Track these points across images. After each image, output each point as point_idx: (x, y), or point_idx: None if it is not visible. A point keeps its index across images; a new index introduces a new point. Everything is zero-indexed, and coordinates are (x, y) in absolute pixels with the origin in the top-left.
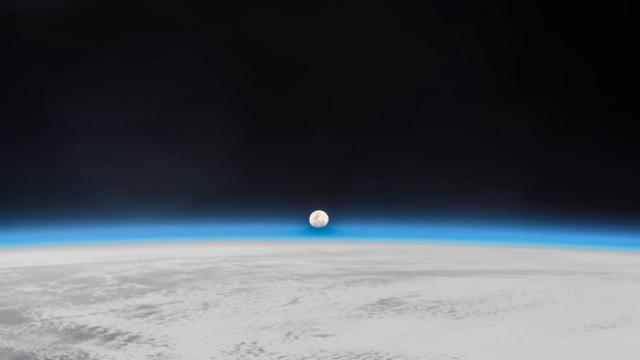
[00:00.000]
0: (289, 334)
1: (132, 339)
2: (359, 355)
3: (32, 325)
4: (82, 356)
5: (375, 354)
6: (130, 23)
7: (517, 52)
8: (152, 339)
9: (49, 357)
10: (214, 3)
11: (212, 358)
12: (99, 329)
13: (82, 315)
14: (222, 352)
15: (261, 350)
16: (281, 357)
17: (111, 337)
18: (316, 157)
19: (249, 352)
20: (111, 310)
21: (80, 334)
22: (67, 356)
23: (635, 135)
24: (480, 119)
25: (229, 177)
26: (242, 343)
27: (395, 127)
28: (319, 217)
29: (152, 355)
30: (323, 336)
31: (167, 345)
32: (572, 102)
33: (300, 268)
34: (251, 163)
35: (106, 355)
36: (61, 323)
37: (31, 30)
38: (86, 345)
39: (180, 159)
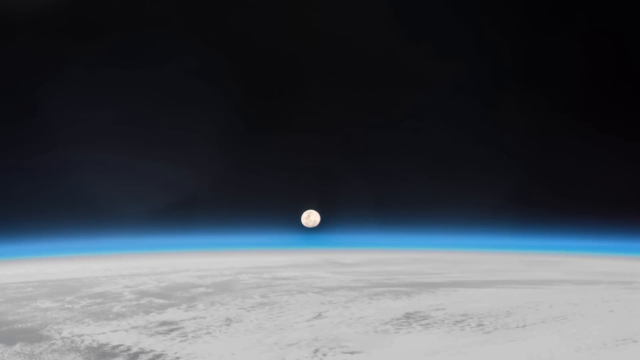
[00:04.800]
0: (316, 350)
1: (156, 357)
2: None
3: (53, 344)
4: None
5: None
6: (116, 23)
7: (509, 50)
8: (178, 358)
9: None
10: (201, 2)
11: None
12: (121, 347)
13: (104, 333)
14: None
15: None
16: None
17: (135, 355)
18: (308, 160)
19: None
20: (132, 327)
21: (103, 352)
22: None
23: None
24: (478, 121)
25: (220, 183)
26: None
27: (389, 128)
28: (310, 217)
29: None
30: (352, 353)
31: None
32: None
33: (319, 280)
34: (245, 164)
35: None
36: (82, 341)
37: (21, 34)
38: None
39: (169, 160)
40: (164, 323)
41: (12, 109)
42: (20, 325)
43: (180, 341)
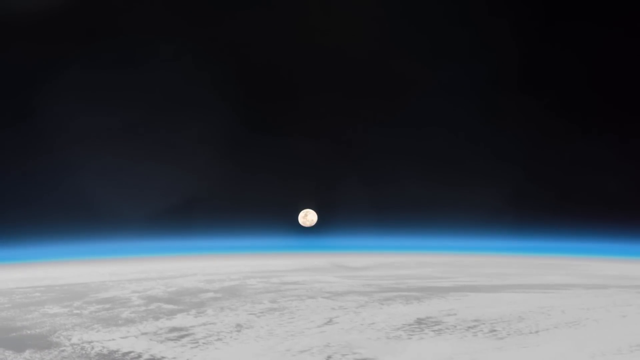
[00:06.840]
0: (328, 357)
1: None
2: None
3: (63, 351)
4: None
5: None
6: (115, 27)
7: (507, 53)
8: None
9: None
10: (199, 6)
11: None
12: (132, 354)
13: (113, 339)
14: None
15: None
16: None
17: None
18: (307, 164)
19: None
20: (142, 334)
21: (113, 359)
22: None
23: None
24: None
25: (219, 186)
26: None
27: (389, 131)
28: (307, 216)
29: None
30: None
31: None
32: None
33: (328, 285)
34: (244, 167)
35: None
36: (92, 348)
37: (20, 35)
38: None
39: (168, 164)
40: (174, 329)
41: (13, 112)
42: (28, 332)
43: (191, 348)
